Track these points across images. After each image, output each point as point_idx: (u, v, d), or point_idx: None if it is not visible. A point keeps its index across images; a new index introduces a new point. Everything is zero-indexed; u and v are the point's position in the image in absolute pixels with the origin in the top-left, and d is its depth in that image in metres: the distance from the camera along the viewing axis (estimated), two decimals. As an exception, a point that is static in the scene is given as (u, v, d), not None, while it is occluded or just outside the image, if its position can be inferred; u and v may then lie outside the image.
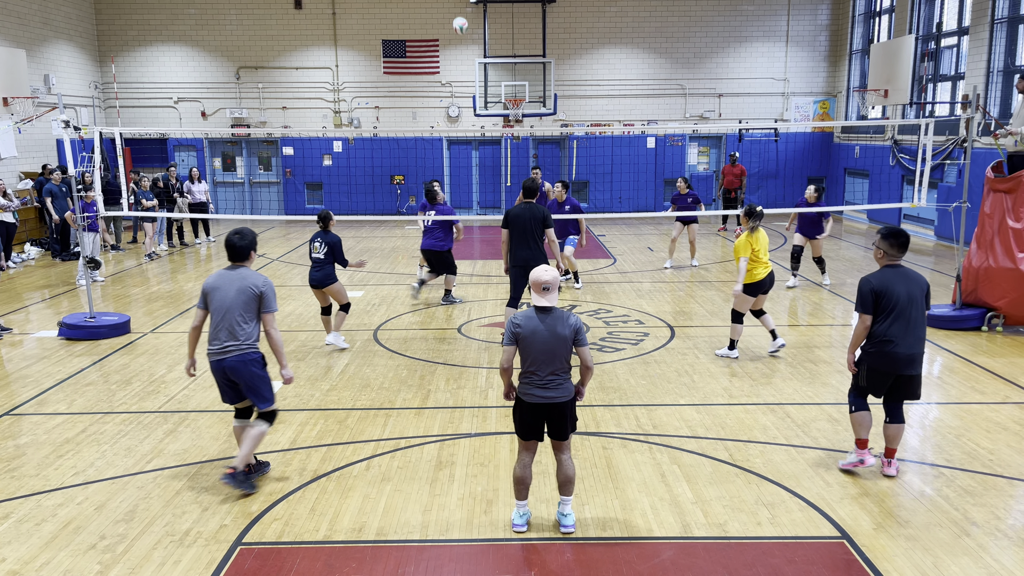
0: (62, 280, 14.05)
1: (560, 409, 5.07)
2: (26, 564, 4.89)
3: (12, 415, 7.45)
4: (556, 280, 5.03)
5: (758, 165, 23.04)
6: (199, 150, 23.16)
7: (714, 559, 4.89)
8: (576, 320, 5.06)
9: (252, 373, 5.68)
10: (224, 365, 5.65)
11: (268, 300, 5.66)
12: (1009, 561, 4.85)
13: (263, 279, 5.71)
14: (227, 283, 5.65)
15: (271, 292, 5.70)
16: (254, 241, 5.84)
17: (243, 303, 5.62)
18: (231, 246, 5.73)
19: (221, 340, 5.64)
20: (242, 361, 5.62)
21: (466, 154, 23.36)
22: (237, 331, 5.61)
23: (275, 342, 5.74)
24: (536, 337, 4.98)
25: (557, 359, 5.00)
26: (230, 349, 5.62)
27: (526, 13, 22.38)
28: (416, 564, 4.88)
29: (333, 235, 9.20)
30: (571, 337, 5.00)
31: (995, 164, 10.37)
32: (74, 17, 21.33)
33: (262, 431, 5.82)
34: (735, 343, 9.02)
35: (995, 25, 15.91)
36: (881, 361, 5.77)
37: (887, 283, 5.77)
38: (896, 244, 5.86)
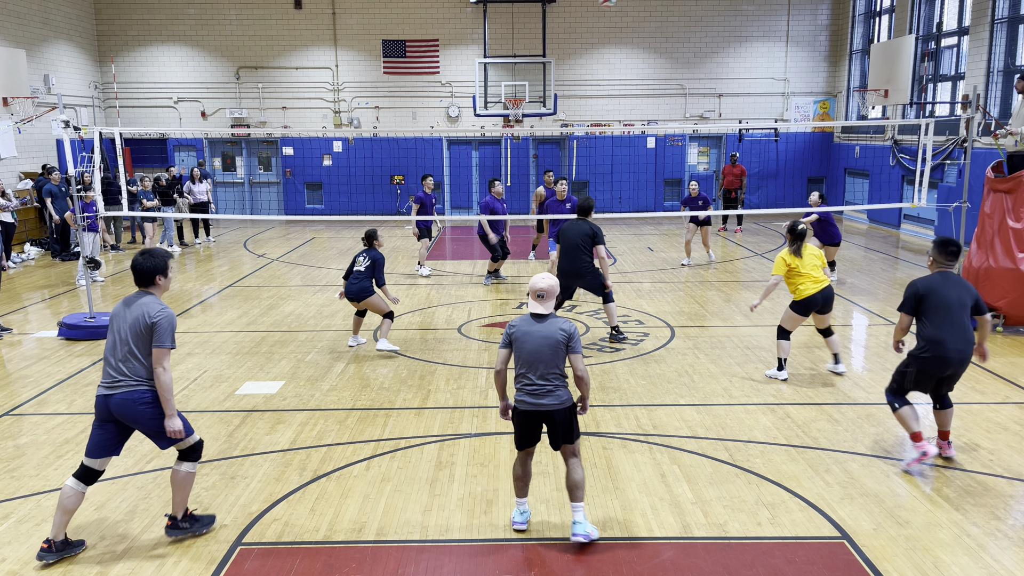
0: (62, 280, 14.05)
1: (552, 417, 5.01)
2: (26, 564, 4.89)
3: (12, 415, 7.45)
4: (553, 288, 5.02)
5: (758, 165, 23.04)
6: (199, 150, 23.16)
7: (714, 559, 4.89)
8: (571, 326, 5.03)
9: (141, 411, 4.89)
10: (110, 403, 4.89)
11: (160, 333, 4.84)
12: (1009, 561, 4.85)
13: (159, 308, 4.90)
14: (125, 311, 4.95)
15: (167, 324, 4.87)
16: (164, 264, 5.05)
17: (136, 334, 4.86)
18: (134, 268, 5.03)
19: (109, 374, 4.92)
20: (130, 399, 4.86)
21: (466, 154, 23.36)
22: (125, 366, 4.87)
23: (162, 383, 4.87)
24: (528, 338, 5.01)
25: (546, 362, 4.97)
26: (119, 385, 4.88)
27: (526, 13, 22.38)
28: (416, 564, 4.87)
29: (377, 252, 9.27)
30: (564, 342, 4.95)
31: (995, 164, 10.37)
32: (74, 17, 21.33)
33: (187, 472, 5.09)
34: (783, 363, 8.32)
35: (995, 25, 15.91)
36: (932, 364, 5.96)
37: (934, 286, 6.00)
38: (945, 252, 6.14)
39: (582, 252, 9.37)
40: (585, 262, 9.39)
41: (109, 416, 4.91)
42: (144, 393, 4.88)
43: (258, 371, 8.70)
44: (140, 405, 4.86)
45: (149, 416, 4.90)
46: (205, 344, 9.79)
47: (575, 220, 9.64)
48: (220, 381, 8.36)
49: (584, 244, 9.33)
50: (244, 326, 10.69)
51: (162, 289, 5.06)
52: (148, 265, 5.00)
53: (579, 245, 9.35)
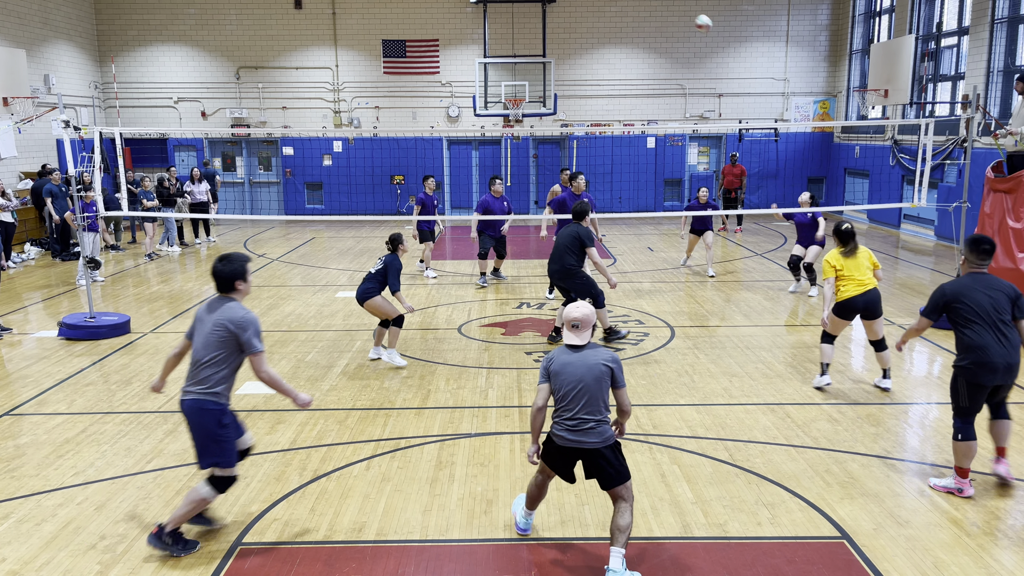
0: (62, 280, 14.05)
1: (593, 456, 4.61)
2: (26, 564, 4.89)
3: (12, 415, 7.45)
4: (588, 318, 4.67)
5: (758, 165, 23.04)
6: (199, 150, 23.16)
7: (714, 559, 4.89)
8: (613, 357, 4.66)
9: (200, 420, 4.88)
10: (183, 406, 4.95)
11: (250, 340, 4.86)
12: (1009, 561, 4.85)
13: (243, 313, 4.89)
14: (206, 317, 4.99)
15: (253, 330, 4.88)
16: (242, 269, 5.02)
17: (218, 341, 4.86)
18: (214, 274, 5.02)
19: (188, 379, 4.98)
20: (196, 405, 4.88)
21: (466, 154, 23.36)
22: (199, 372, 4.91)
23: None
24: (567, 370, 4.61)
25: (590, 396, 4.57)
26: (190, 390, 4.94)
27: (526, 13, 22.39)
28: (416, 564, 4.88)
29: (395, 257, 8.76)
30: (608, 374, 4.61)
31: (995, 164, 10.37)
32: (74, 17, 21.33)
33: (203, 496, 4.93)
34: (826, 368, 7.95)
35: (995, 25, 15.91)
36: (977, 373, 5.54)
37: (962, 290, 5.61)
38: (977, 251, 5.69)
39: (567, 254, 9.31)
40: (570, 264, 9.30)
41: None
42: (209, 403, 4.87)
43: (258, 371, 8.69)
44: (203, 413, 4.86)
45: (204, 426, 4.87)
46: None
47: (568, 223, 9.67)
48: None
49: (570, 246, 9.27)
50: (244, 326, 10.67)
51: (243, 294, 5.03)
52: (227, 271, 4.97)
53: (566, 247, 9.31)
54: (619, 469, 4.64)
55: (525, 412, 7.38)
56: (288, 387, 5.09)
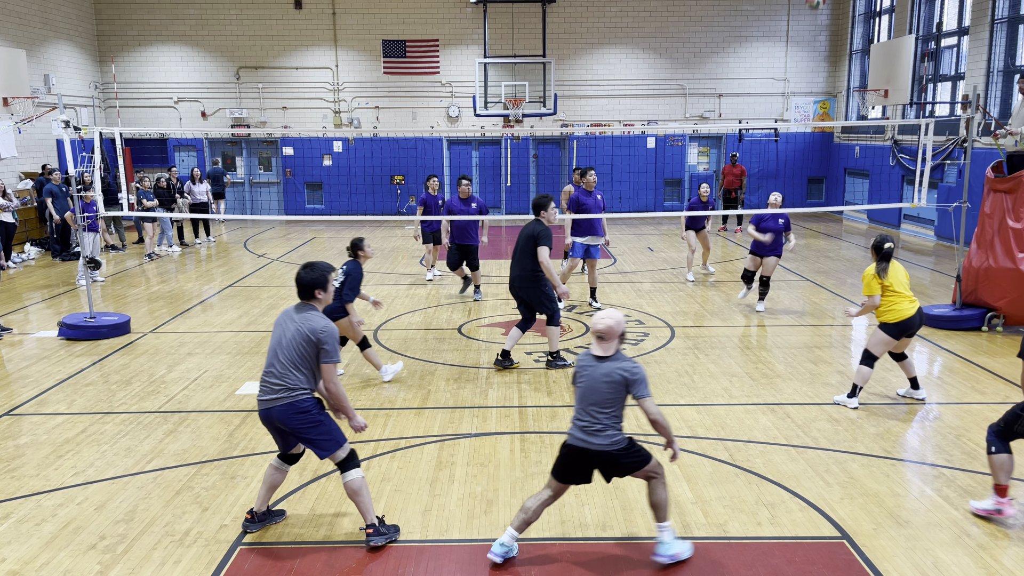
0: (62, 280, 14.05)
1: (603, 458, 4.67)
2: (26, 564, 4.89)
3: (12, 415, 7.45)
4: (613, 329, 4.63)
5: (758, 165, 23.04)
6: (199, 150, 23.16)
7: (714, 559, 4.89)
8: (634, 368, 4.61)
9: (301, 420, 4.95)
10: (272, 415, 4.98)
11: (329, 350, 4.92)
12: (1009, 561, 4.85)
13: (324, 323, 4.93)
14: (288, 323, 5.00)
15: (333, 340, 4.92)
16: (324, 278, 5.05)
17: (297, 347, 4.90)
18: (297, 281, 5.08)
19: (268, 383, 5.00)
20: (291, 409, 4.92)
21: (466, 154, 23.36)
22: (284, 379, 4.92)
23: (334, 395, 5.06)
24: (587, 374, 4.69)
25: (599, 400, 4.60)
26: (279, 397, 4.94)
27: (526, 13, 22.39)
28: (416, 564, 4.87)
29: (355, 264, 7.93)
30: (623, 384, 4.58)
31: (995, 164, 10.37)
32: (74, 17, 21.33)
33: (356, 479, 5.03)
34: (858, 389, 7.43)
35: (995, 25, 15.91)
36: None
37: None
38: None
39: (526, 257, 8.24)
40: (531, 269, 8.24)
41: (272, 426, 5.06)
42: (304, 402, 4.91)
43: (258, 371, 8.69)
44: (300, 414, 4.90)
45: (308, 424, 4.92)
46: (205, 344, 9.79)
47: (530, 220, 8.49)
48: (220, 381, 8.36)
49: (528, 247, 8.21)
50: (244, 326, 10.69)
51: (323, 303, 5.06)
52: (308, 279, 5.01)
53: (523, 248, 8.27)
54: (633, 461, 4.72)
55: (525, 412, 7.38)
56: (348, 406, 5.11)
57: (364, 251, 8.00)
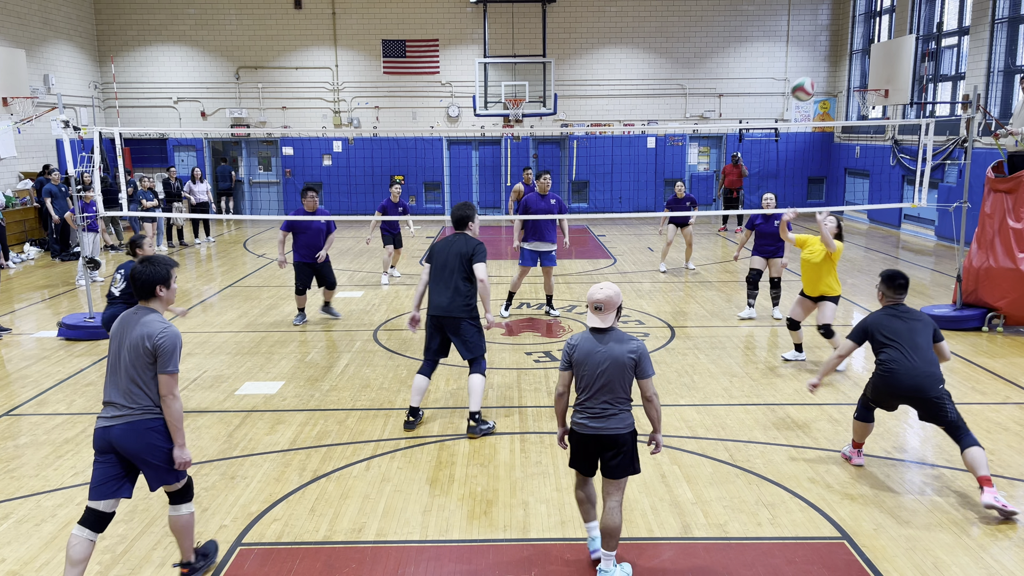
0: (62, 280, 14.04)
1: (612, 442, 4.50)
2: (26, 564, 4.89)
3: (12, 415, 7.45)
4: (612, 299, 4.44)
5: (758, 165, 23.04)
6: (199, 150, 23.16)
7: (714, 559, 4.88)
8: (639, 345, 4.49)
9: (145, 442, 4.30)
10: (111, 434, 4.31)
11: (165, 358, 4.25)
12: (1009, 561, 4.84)
13: (162, 327, 4.28)
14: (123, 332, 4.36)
15: (170, 346, 4.26)
16: (166, 273, 4.40)
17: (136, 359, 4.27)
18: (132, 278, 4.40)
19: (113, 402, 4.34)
20: (132, 430, 4.28)
21: (466, 154, 23.36)
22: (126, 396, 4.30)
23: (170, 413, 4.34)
24: (591, 359, 4.47)
25: (611, 387, 4.46)
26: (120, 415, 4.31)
27: (526, 13, 22.38)
28: (416, 564, 4.87)
29: (131, 263, 7.16)
30: (631, 366, 4.45)
31: (995, 164, 10.37)
32: (74, 17, 21.33)
33: (190, 513, 4.58)
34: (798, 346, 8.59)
35: (995, 25, 15.91)
36: (882, 385, 5.77)
37: (882, 321, 5.81)
38: (893, 286, 5.87)
39: (458, 279, 6.70)
40: (463, 296, 6.72)
41: (110, 447, 4.31)
42: (151, 421, 4.30)
43: (258, 371, 8.69)
44: (144, 434, 4.28)
45: (152, 447, 4.30)
46: (205, 344, 9.79)
47: (453, 235, 6.92)
48: (220, 381, 8.35)
49: (459, 267, 6.71)
50: (244, 326, 10.68)
51: (165, 302, 4.40)
52: (146, 274, 4.33)
53: (452, 268, 6.72)
54: (632, 459, 4.57)
55: (525, 412, 7.38)
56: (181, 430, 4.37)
57: (143, 249, 7.32)
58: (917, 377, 5.60)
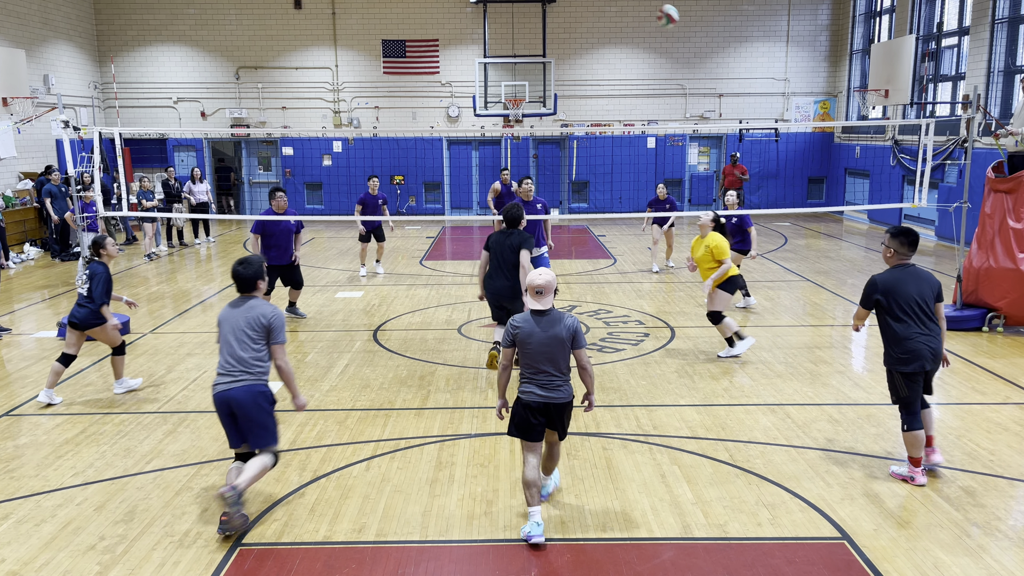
0: (62, 280, 14.04)
1: (559, 409, 5.16)
2: (26, 565, 4.88)
3: (12, 415, 7.45)
4: (551, 284, 5.04)
5: (758, 165, 23.03)
6: (199, 150, 23.16)
7: (714, 560, 4.88)
8: (573, 321, 5.10)
9: (255, 404, 5.29)
10: (229, 395, 5.28)
11: (277, 331, 5.38)
12: (1009, 562, 4.84)
13: (272, 309, 5.43)
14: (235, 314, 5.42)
15: (280, 322, 5.40)
16: (261, 270, 5.51)
17: (252, 334, 5.33)
18: (236, 276, 5.44)
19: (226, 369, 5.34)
20: (249, 392, 5.27)
21: (466, 154, 23.36)
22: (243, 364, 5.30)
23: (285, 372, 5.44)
24: (533, 339, 5.05)
25: (554, 360, 5.07)
26: (238, 380, 5.29)
27: (526, 13, 22.38)
28: (416, 565, 4.87)
29: (97, 264, 7.64)
30: (568, 339, 5.05)
31: (996, 164, 10.36)
32: (74, 17, 21.33)
33: (267, 464, 5.37)
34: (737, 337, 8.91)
35: (996, 25, 15.90)
36: (910, 361, 5.70)
37: (895, 283, 5.73)
38: (906, 243, 5.81)
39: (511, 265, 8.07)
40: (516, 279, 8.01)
41: (228, 408, 5.31)
42: (261, 387, 5.32)
43: (258, 371, 8.68)
44: (256, 396, 5.29)
45: (259, 408, 5.31)
46: (205, 344, 9.78)
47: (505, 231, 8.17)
48: (220, 381, 8.34)
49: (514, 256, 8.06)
50: (244, 326, 10.67)
51: (261, 291, 5.54)
52: (249, 273, 5.45)
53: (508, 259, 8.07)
54: (567, 425, 5.32)
55: (525, 412, 7.37)
56: (295, 384, 5.57)
57: (107, 249, 7.70)
58: (932, 348, 5.72)
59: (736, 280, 8.83)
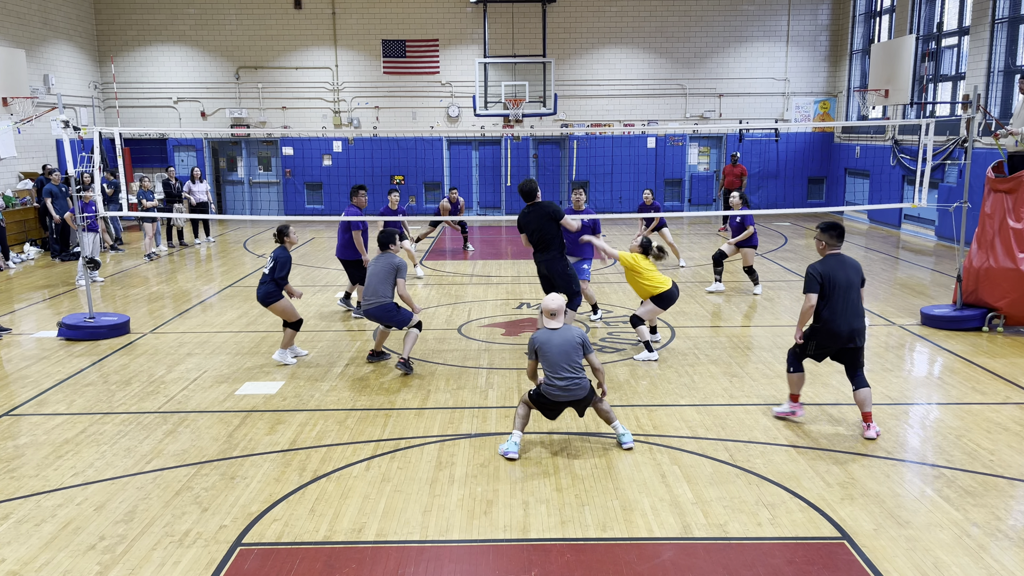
0: (62, 280, 14.04)
1: (579, 402, 6.36)
2: (26, 565, 4.88)
3: (12, 415, 7.45)
4: (562, 307, 6.40)
5: (759, 165, 23.04)
6: (199, 150, 23.16)
7: (714, 559, 4.88)
8: (581, 333, 6.37)
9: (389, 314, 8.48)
10: (370, 312, 8.48)
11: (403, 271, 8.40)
12: (1009, 562, 4.84)
13: (400, 259, 8.40)
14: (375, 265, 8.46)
15: (404, 265, 8.43)
16: (393, 234, 8.52)
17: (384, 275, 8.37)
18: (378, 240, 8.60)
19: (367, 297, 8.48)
20: (383, 308, 8.43)
21: (466, 154, 23.36)
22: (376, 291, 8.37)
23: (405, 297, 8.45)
24: (551, 347, 6.26)
25: (570, 364, 6.22)
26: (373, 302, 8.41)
27: (526, 13, 22.38)
28: (416, 564, 4.87)
29: (282, 249, 8.75)
30: (580, 347, 6.29)
31: (995, 164, 10.36)
32: (74, 17, 21.32)
33: (416, 335, 8.49)
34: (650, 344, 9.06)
35: (996, 25, 15.91)
36: (828, 338, 6.61)
37: (831, 270, 6.59)
38: (835, 235, 6.71)
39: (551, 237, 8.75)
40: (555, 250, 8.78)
41: (372, 318, 8.57)
42: (389, 304, 8.46)
43: (258, 371, 8.69)
44: (388, 311, 8.45)
45: (392, 316, 8.46)
46: (205, 344, 9.79)
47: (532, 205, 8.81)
48: (220, 381, 8.35)
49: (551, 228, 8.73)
50: (244, 326, 10.68)
51: (396, 249, 8.54)
52: (381, 237, 8.53)
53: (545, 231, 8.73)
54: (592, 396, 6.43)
55: (525, 412, 7.38)
56: (412, 300, 8.71)
57: (290, 236, 8.89)
58: (852, 328, 6.56)
59: (671, 294, 8.90)
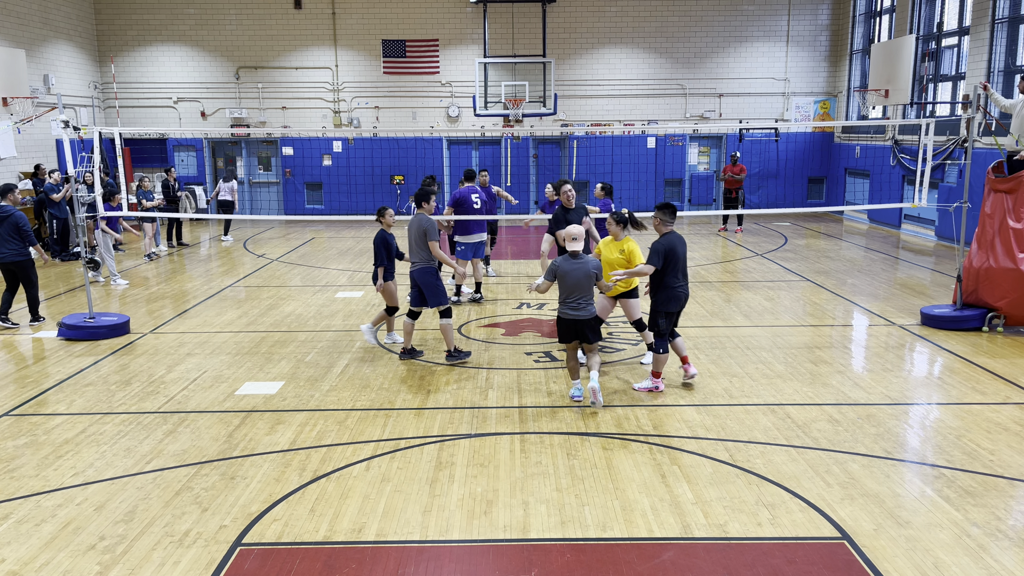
0: (62, 280, 14.04)
1: (585, 323, 7.38)
2: (26, 565, 4.88)
3: (12, 415, 7.45)
4: (582, 233, 7.33)
5: (759, 165, 23.04)
6: (199, 150, 23.16)
7: (714, 560, 4.88)
8: (596, 263, 7.41)
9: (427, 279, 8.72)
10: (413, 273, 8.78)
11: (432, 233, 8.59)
12: (1010, 562, 4.84)
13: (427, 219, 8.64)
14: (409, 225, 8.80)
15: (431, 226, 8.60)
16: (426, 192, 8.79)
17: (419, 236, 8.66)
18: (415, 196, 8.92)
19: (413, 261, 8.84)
20: (422, 272, 8.72)
21: (466, 154, 23.36)
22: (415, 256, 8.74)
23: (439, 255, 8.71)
24: (571, 274, 7.28)
25: (582, 289, 7.30)
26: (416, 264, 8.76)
27: (526, 13, 22.38)
28: (416, 565, 4.87)
29: (421, 216, 8.80)
30: (593, 275, 7.31)
31: (995, 164, 10.37)
32: (74, 17, 21.32)
33: (447, 323, 8.74)
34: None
35: (996, 25, 15.90)
36: (674, 303, 7.66)
37: (673, 245, 7.57)
38: (669, 213, 7.68)
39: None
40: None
41: (415, 282, 8.75)
42: (429, 268, 8.72)
43: (258, 371, 8.69)
44: (427, 275, 8.70)
45: (428, 282, 8.69)
46: (205, 344, 9.79)
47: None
48: (220, 381, 8.35)
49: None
50: (244, 326, 10.68)
51: (427, 210, 8.73)
52: (419, 194, 8.83)
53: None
54: (597, 333, 7.58)
55: (525, 412, 7.38)
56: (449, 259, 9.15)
57: (385, 219, 9.32)
58: (687, 292, 7.75)
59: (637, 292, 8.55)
